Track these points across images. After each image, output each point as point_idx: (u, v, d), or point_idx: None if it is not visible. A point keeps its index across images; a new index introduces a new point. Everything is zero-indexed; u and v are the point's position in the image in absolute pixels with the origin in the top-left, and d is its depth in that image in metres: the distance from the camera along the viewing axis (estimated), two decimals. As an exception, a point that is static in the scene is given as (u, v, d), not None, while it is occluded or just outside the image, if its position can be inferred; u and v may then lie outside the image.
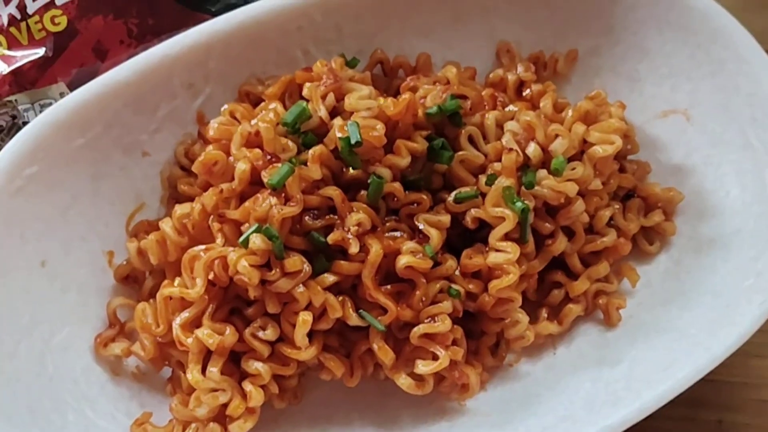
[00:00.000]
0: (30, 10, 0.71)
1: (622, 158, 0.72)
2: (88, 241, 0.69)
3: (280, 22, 0.71)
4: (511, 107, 0.70)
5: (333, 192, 0.63)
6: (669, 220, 0.72)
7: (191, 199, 0.69)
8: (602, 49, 0.76)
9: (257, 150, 0.64)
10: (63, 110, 0.67)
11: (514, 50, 0.76)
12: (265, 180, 0.63)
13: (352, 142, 0.63)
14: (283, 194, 0.63)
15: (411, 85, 0.71)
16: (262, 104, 0.70)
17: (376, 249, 0.62)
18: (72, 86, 0.72)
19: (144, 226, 0.71)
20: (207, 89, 0.72)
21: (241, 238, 0.62)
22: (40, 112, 0.72)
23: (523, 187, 0.66)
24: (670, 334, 0.67)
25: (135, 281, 0.70)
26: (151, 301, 0.67)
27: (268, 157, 0.64)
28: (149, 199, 0.72)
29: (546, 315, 0.69)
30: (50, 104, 0.71)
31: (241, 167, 0.64)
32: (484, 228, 0.66)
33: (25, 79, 0.72)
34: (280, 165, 0.63)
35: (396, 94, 0.73)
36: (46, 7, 0.71)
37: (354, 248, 0.62)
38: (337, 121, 0.66)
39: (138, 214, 0.71)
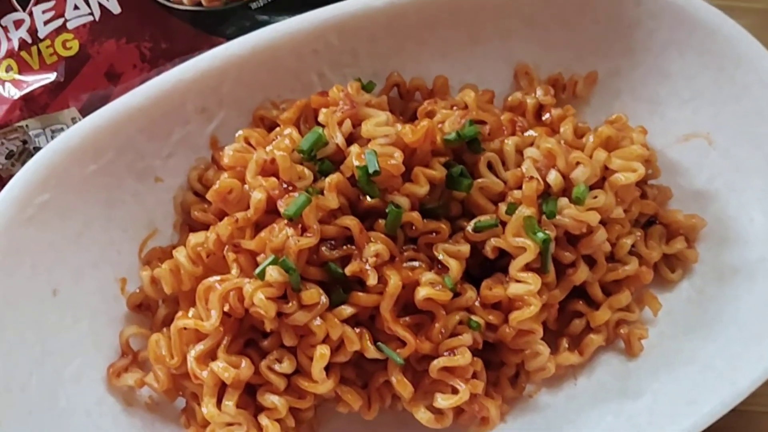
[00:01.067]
0: (41, 34, 0.70)
1: (643, 183, 0.71)
2: (101, 269, 0.68)
3: (295, 45, 0.70)
4: (530, 132, 0.69)
5: (350, 222, 0.62)
6: (691, 248, 0.71)
7: (205, 225, 0.68)
8: (622, 72, 0.74)
9: (273, 179, 0.63)
10: (75, 137, 0.66)
11: (532, 73, 0.74)
12: (281, 210, 0.62)
13: (370, 171, 0.62)
14: (299, 224, 0.61)
15: (428, 109, 0.70)
16: (277, 129, 0.69)
17: (394, 281, 0.61)
18: (84, 111, 0.70)
19: (157, 253, 0.69)
20: (221, 114, 0.71)
21: (257, 270, 0.61)
22: (52, 137, 0.71)
23: (544, 216, 0.64)
24: (694, 365, 0.65)
25: (148, 309, 0.69)
26: (165, 330, 0.66)
27: (284, 185, 0.63)
28: (162, 225, 0.71)
29: (567, 345, 0.68)
30: (62, 129, 0.70)
31: (257, 197, 0.63)
32: (503, 256, 0.65)
33: (36, 104, 0.70)
34: (296, 195, 0.62)
35: (412, 117, 0.72)
36: (58, 31, 0.70)
37: (372, 280, 0.61)
38: (354, 149, 0.64)
39: (151, 240, 0.70)
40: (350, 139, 0.66)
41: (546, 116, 0.71)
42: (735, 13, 0.76)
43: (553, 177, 0.65)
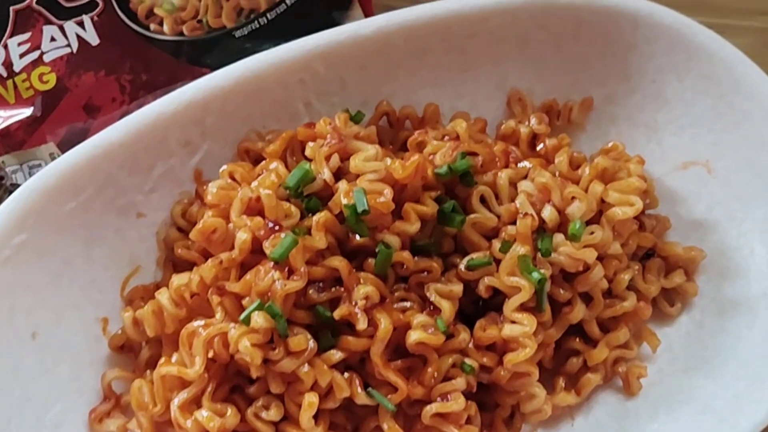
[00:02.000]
0: (17, 68, 0.67)
1: (641, 214, 0.68)
2: (81, 309, 0.66)
3: (280, 75, 0.68)
4: (524, 163, 0.67)
5: (339, 264, 0.60)
6: (690, 280, 0.69)
7: (189, 263, 0.66)
8: (619, 97, 0.72)
9: (258, 218, 0.61)
10: (52, 175, 0.63)
11: (525, 99, 0.72)
12: (267, 252, 0.59)
13: (359, 210, 0.60)
14: (286, 266, 0.59)
15: (419, 140, 0.67)
16: (263, 163, 0.66)
17: (385, 325, 0.59)
18: (62, 146, 0.68)
19: (140, 291, 0.67)
20: (204, 146, 0.68)
21: (243, 316, 0.59)
22: (29, 173, 0.68)
23: (539, 254, 0.62)
24: (694, 405, 0.63)
25: (131, 350, 0.67)
26: (148, 373, 0.64)
27: (270, 224, 0.61)
28: (145, 261, 0.68)
29: (563, 384, 0.65)
30: (39, 165, 0.68)
31: (242, 237, 0.60)
32: (497, 294, 0.63)
33: (12, 140, 0.68)
34: (282, 235, 0.60)
35: (402, 146, 0.70)
36: (34, 64, 0.67)
37: (362, 324, 0.59)
38: (342, 186, 0.62)
39: (133, 277, 0.68)
40: (338, 174, 0.64)
41: (540, 146, 0.69)
42: (733, 32, 0.75)
43: (548, 212, 0.63)
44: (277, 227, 0.61)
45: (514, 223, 0.63)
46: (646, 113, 0.72)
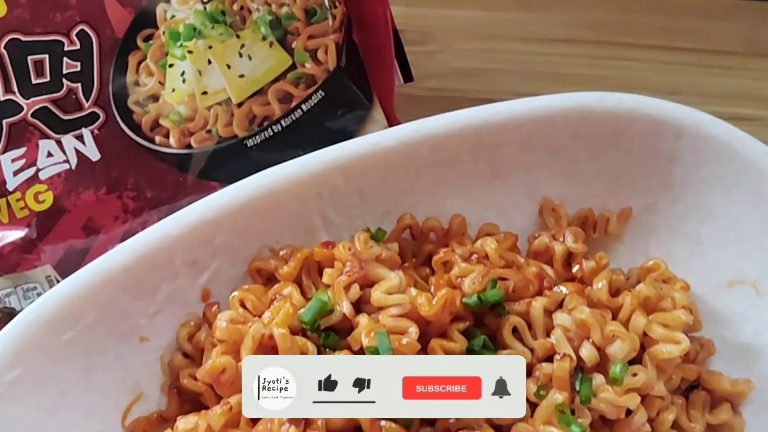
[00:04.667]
0: (10, 186, 0.62)
1: (683, 339, 0.64)
2: (80, 442, 0.61)
3: (296, 189, 0.62)
4: (560, 288, 0.62)
5: (360, 414, 0.55)
6: (737, 414, 0.64)
7: (195, 393, 0.61)
8: (659, 207, 0.67)
9: (272, 360, 0.56)
10: (49, 305, 0.58)
11: (559, 210, 0.67)
12: (281, 401, 0.55)
13: (382, 354, 0.55)
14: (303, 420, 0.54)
15: (444, 259, 0.63)
16: (276, 287, 0.62)
17: (410, 481, 0.54)
18: (59, 267, 0.63)
19: (142, 423, 0.62)
20: (213, 265, 0.63)
21: (254, 477, 0.54)
22: (24, 296, 0.63)
23: (577, 397, 0.57)
24: None
25: (133, 488, 0.62)
26: None
27: (285, 367, 0.56)
28: (148, 387, 0.63)
29: None
30: (35, 288, 0.63)
31: (254, 382, 0.55)
32: (530, 436, 0.58)
33: (6, 263, 0.62)
34: (298, 382, 0.55)
35: (426, 260, 0.65)
36: (29, 182, 0.62)
37: (385, 481, 0.54)
38: (363, 321, 0.57)
39: (135, 405, 0.63)
40: (358, 302, 0.60)
41: (576, 268, 0.64)
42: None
43: (587, 352, 0.58)
44: (292, 370, 0.56)
45: (548, 359, 0.59)
46: (689, 225, 0.67)
